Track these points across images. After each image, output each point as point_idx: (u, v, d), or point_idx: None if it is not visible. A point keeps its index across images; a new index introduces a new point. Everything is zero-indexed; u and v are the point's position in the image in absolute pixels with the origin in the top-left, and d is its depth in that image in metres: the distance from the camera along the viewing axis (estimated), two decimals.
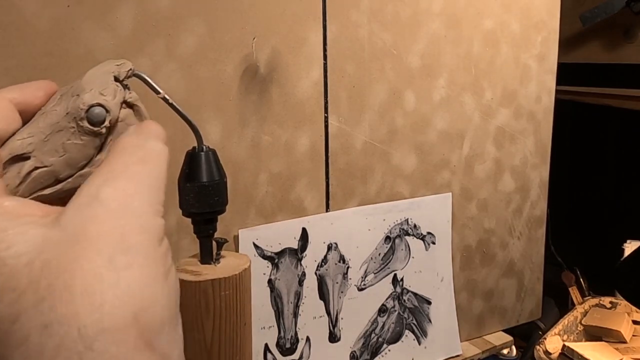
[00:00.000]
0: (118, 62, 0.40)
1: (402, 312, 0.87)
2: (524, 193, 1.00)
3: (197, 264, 0.48)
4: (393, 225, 0.85)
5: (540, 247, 1.05)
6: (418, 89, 0.84)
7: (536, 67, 0.97)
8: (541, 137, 1.00)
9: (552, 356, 0.97)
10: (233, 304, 0.47)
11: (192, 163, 0.44)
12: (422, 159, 0.87)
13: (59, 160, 0.36)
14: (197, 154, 0.44)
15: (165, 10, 0.63)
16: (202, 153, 0.44)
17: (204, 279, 0.45)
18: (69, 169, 0.37)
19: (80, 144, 0.36)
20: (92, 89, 0.37)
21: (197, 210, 0.44)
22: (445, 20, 0.85)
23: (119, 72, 0.39)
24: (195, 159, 0.44)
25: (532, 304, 1.05)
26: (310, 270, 0.78)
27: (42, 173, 0.36)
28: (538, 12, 0.95)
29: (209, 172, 0.43)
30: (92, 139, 0.37)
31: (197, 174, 0.43)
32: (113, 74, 0.39)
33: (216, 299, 0.46)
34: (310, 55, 0.74)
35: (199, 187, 0.43)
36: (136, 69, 0.40)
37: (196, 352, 0.46)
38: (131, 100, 0.40)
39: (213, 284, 0.46)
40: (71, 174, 0.38)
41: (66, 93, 0.38)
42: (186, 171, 0.44)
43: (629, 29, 1.10)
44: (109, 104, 0.37)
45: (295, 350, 0.78)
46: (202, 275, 0.46)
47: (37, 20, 0.57)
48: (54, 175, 0.37)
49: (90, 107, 0.36)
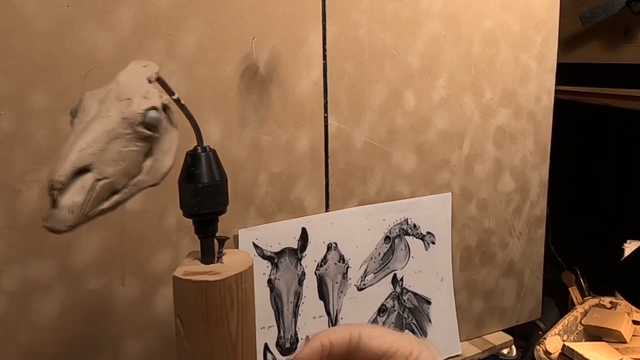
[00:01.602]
0: (144, 64, 0.39)
1: (401, 312, 0.87)
2: (523, 193, 1.00)
3: (199, 264, 0.48)
4: (393, 225, 0.85)
5: (540, 247, 1.05)
6: (418, 89, 0.84)
7: (536, 67, 0.97)
8: (541, 137, 1.00)
9: (552, 356, 0.97)
10: (250, 296, 0.48)
11: (193, 163, 0.44)
12: (421, 159, 0.87)
13: (118, 170, 0.35)
14: (197, 154, 0.44)
15: (165, 10, 0.64)
16: (202, 153, 0.44)
17: (227, 275, 0.46)
18: (125, 179, 0.36)
19: (135, 150, 0.35)
20: (136, 92, 0.36)
21: (199, 211, 0.44)
22: (445, 20, 0.85)
23: (150, 75, 0.38)
24: (196, 159, 0.44)
25: (532, 303, 1.05)
26: (310, 270, 0.78)
27: (103, 185, 0.35)
28: (538, 13, 0.95)
29: (209, 173, 0.43)
30: (145, 145, 0.36)
31: (198, 174, 0.43)
32: (146, 77, 0.38)
33: (239, 292, 0.47)
34: (310, 55, 0.74)
35: (200, 187, 0.43)
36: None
37: (223, 349, 0.46)
38: (168, 103, 0.39)
39: (237, 279, 0.46)
40: (126, 184, 0.37)
41: (106, 98, 0.37)
42: (187, 172, 0.44)
43: (629, 29, 1.10)
44: (159, 107, 0.36)
45: (295, 350, 0.78)
46: (221, 273, 0.46)
47: (37, 20, 0.57)
48: (112, 187, 0.35)
49: (146, 111, 0.35)
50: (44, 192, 0.59)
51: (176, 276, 0.46)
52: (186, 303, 0.46)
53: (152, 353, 0.69)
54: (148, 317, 0.68)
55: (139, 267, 0.66)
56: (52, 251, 0.61)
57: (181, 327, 0.46)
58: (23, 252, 0.59)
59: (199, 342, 0.45)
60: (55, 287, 0.62)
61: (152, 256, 0.67)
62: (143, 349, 0.68)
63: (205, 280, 0.45)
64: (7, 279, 0.59)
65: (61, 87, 0.59)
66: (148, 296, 0.68)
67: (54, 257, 0.61)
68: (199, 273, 0.46)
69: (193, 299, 0.45)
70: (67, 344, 0.63)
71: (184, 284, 0.45)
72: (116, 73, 0.39)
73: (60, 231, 0.36)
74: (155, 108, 0.36)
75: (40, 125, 0.58)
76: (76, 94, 0.59)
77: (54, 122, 0.59)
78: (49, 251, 0.61)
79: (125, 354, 0.67)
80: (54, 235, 0.60)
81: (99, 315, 0.65)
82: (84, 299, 0.64)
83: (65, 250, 0.62)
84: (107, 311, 0.65)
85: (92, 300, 0.64)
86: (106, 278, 0.65)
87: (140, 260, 0.66)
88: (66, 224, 0.35)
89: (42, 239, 0.60)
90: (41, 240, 0.60)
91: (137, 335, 0.67)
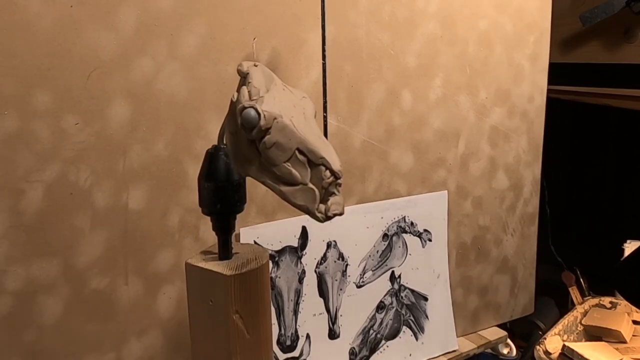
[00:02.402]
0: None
1: (399, 309, 0.88)
2: (517, 190, 1.02)
3: (216, 258, 0.49)
4: (390, 223, 0.86)
5: (533, 244, 1.06)
6: (415, 88, 0.86)
7: (529, 66, 0.98)
8: (534, 136, 1.02)
9: (552, 356, 0.97)
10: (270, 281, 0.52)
11: (213, 162, 0.44)
12: (418, 157, 0.88)
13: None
14: (216, 153, 0.44)
15: (167, 11, 0.64)
16: (221, 153, 0.44)
17: (261, 263, 0.48)
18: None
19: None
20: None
21: (219, 209, 0.44)
22: (441, 20, 0.86)
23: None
24: (216, 158, 0.44)
25: (526, 299, 1.07)
26: (310, 268, 0.79)
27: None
28: (530, 13, 0.97)
29: (228, 172, 0.44)
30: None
31: (218, 173, 0.44)
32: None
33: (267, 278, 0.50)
34: (309, 55, 0.75)
35: (219, 186, 0.43)
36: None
37: (268, 338, 0.49)
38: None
39: (269, 264, 0.50)
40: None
41: (298, 104, 0.44)
42: (207, 170, 0.44)
43: (629, 29, 1.11)
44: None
45: (295, 347, 0.79)
46: (255, 261, 0.48)
47: (40, 20, 0.57)
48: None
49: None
50: (48, 192, 0.59)
51: (227, 274, 0.47)
52: (246, 295, 0.47)
53: (155, 352, 0.69)
54: (151, 316, 0.68)
55: (142, 266, 0.67)
56: (55, 251, 0.61)
57: (241, 321, 0.46)
58: (27, 252, 0.60)
59: (258, 331, 0.47)
60: (59, 286, 0.62)
61: (155, 255, 0.67)
62: (146, 347, 0.68)
63: (255, 269, 0.47)
64: (12, 278, 0.59)
65: (64, 87, 0.59)
66: (151, 295, 0.68)
67: (58, 257, 0.61)
68: (238, 266, 0.47)
69: (249, 290, 0.47)
70: (70, 343, 0.63)
71: (242, 278, 0.46)
72: (118, 73, 0.39)
73: (342, 214, 0.42)
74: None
75: (43, 125, 0.59)
76: (79, 94, 0.60)
77: (57, 122, 0.59)
78: (52, 251, 0.61)
79: (128, 352, 0.67)
80: (58, 235, 0.61)
81: (102, 315, 0.65)
82: (88, 298, 0.64)
83: (68, 250, 0.62)
84: (110, 310, 0.65)
85: (96, 300, 0.64)
86: (109, 277, 0.65)
87: (143, 259, 0.67)
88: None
89: (45, 238, 0.60)
90: (45, 240, 0.60)
91: (140, 334, 0.68)
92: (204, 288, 0.48)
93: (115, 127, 0.63)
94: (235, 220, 0.47)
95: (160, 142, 0.65)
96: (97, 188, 0.62)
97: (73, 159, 0.61)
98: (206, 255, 0.50)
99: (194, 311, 0.50)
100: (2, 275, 0.59)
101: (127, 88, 0.63)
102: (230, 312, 0.47)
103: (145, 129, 0.64)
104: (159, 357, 0.69)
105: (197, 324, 0.50)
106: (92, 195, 0.62)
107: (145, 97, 0.64)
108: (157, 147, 0.65)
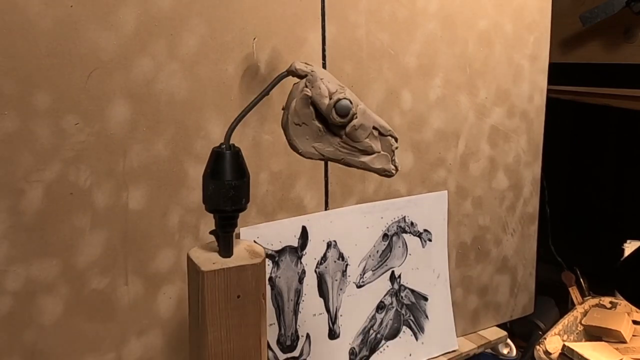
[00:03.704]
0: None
1: (399, 309, 0.88)
2: (517, 190, 1.02)
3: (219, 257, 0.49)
4: (390, 223, 0.86)
5: (532, 244, 1.06)
6: (414, 88, 0.86)
7: (529, 66, 0.98)
8: (533, 136, 1.02)
9: (552, 356, 0.97)
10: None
11: (219, 161, 0.44)
12: (418, 157, 0.88)
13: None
14: (223, 152, 0.44)
15: (167, 11, 0.64)
16: (228, 152, 0.44)
17: (261, 259, 0.50)
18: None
19: None
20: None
21: (222, 207, 0.45)
22: (441, 20, 0.86)
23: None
24: (222, 157, 0.44)
25: (525, 299, 1.07)
26: (310, 268, 0.79)
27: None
28: (530, 13, 0.97)
29: (233, 171, 0.44)
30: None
31: (223, 171, 0.44)
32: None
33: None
34: (309, 55, 0.75)
35: (224, 184, 0.44)
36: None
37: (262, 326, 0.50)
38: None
39: (266, 260, 0.51)
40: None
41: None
42: (212, 168, 0.45)
43: (629, 29, 1.11)
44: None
45: (295, 347, 0.79)
46: (256, 257, 0.50)
47: (41, 20, 0.57)
48: None
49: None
50: (48, 192, 0.59)
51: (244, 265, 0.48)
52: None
53: (155, 352, 0.69)
54: (151, 316, 0.68)
55: (141, 266, 0.67)
56: (55, 251, 0.61)
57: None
58: (27, 252, 0.60)
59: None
60: (59, 286, 0.62)
61: (154, 255, 0.67)
62: (146, 347, 0.68)
63: (249, 264, 0.48)
64: (12, 278, 0.59)
65: (64, 87, 0.59)
66: (151, 295, 0.68)
67: (58, 257, 0.61)
68: (247, 257, 0.49)
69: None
70: (70, 343, 0.63)
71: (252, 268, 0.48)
72: (118, 73, 0.40)
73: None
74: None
75: (43, 125, 0.59)
76: (79, 94, 0.60)
77: (57, 122, 0.59)
78: (52, 251, 0.61)
79: (128, 352, 0.67)
80: (58, 235, 0.61)
81: (102, 314, 0.65)
82: (87, 298, 0.64)
83: (68, 250, 0.62)
84: (110, 310, 0.65)
85: (95, 300, 0.64)
86: (109, 277, 0.65)
87: (143, 259, 0.67)
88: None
89: (45, 238, 0.60)
90: (45, 240, 0.60)
91: (140, 334, 0.68)
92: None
93: (115, 127, 0.63)
94: (238, 219, 0.47)
95: (160, 142, 0.66)
96: (97, 188, 0.62)
97: (73, 159, 0.61)
98: (208, 247, 0.50)
99: (193, 300, 0.51)
100: (2, 275, 0.59)
101: (127, 88, 0.63)
102: (260, 293, 0.51)
103: (145, 129, 0.64)
104: (158, 357, 0.69)
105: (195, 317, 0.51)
106: (92, 195, 0.62)
107: (145, 97, 0.64)
108: (157, 147, 0.65)
